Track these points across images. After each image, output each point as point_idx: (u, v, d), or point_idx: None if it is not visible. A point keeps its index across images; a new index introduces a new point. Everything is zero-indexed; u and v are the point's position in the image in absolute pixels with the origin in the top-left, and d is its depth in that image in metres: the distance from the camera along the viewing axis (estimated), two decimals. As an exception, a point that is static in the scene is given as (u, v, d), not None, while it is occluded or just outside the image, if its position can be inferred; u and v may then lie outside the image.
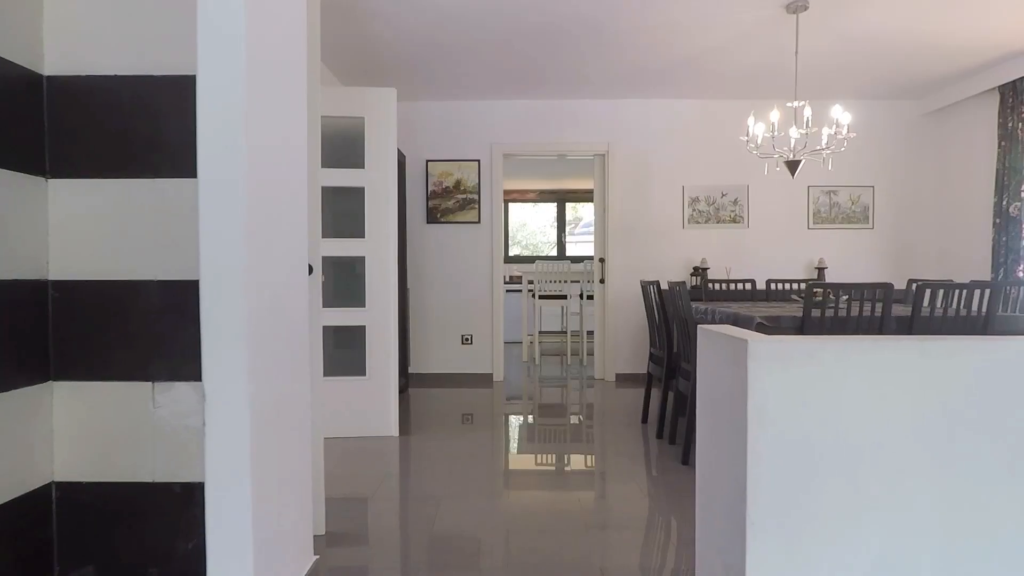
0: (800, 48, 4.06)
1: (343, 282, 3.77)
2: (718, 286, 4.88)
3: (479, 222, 5.69)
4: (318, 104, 2.30)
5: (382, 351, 3.75)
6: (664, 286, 3.88)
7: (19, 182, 1.75)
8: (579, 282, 6.82)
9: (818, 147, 3.77)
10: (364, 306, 3.73)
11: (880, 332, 2.84)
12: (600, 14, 3.72)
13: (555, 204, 9.72)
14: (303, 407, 1.96)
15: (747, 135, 3.82)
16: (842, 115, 3.56)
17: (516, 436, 4.03)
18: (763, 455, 1.50)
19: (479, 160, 5.66)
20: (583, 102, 5.59)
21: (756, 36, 4.07)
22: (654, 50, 4.35)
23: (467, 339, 5.75)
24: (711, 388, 1.77)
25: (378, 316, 3.75)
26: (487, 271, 5.73)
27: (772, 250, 5.64)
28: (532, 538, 2.43)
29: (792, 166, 3.69)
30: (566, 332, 7.05)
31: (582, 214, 9.71)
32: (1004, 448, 1.50)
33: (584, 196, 9.20)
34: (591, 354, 6.47)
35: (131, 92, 1.84)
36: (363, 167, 3.68)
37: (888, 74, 4.91)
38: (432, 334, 5.73)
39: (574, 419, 4.53)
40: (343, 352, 3.76)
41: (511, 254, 9.53)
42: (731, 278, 5.04)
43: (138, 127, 1.84)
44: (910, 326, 2.80)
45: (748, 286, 4.65)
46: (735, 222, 5.66)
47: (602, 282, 5.80)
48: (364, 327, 3.74)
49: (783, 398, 1.49)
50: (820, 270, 5.57)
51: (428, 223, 5.69)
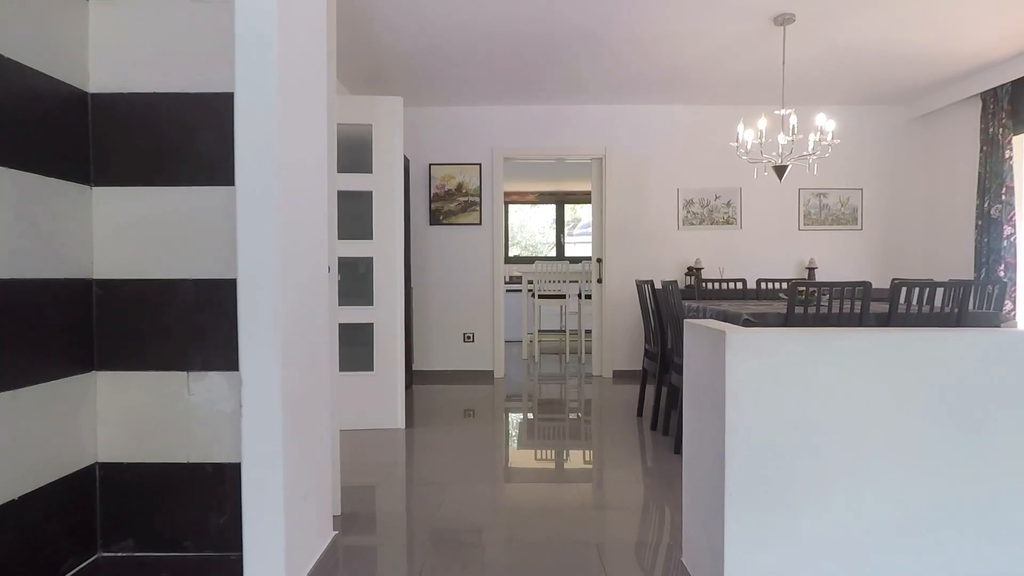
0: (789, 57, 4.25)
1: (351, 281, 3.95)
2: (711, 285, 5.06)
3: (480, 224, 5.87)
4: (334, 114, 2.48)
5: (389, 347, 3.94)
6: (658, 286, 4.06)
7: (66, 190, 1.93)
8: (577, 282, 7.01)
9: (805, 153, 3.95)
10: (372, 304, 3.91)
11: (859, 327, 3.01)
12: (596, 26, 3.90)
13: (554, 205, 9.90)
14: (324, 397, 2.14)
15: (737, 141, 4.01)
16: (826, 123, 3.74)
17: (516, 429, 4.21)
18: (739, 432, 1.69)
19: (480, 164, 5.84)
20: (580, 107, 5.78)
21: (746, 46, 4.25)
22: (648, 59, 4.53)
23: (469, 337, 5.94)
24: (695, 375, 1.96)
25: (385, 314, 3.93)
26: (488, 271, 5.91)
27: (764, 251, 5.82)
28: (532, 519, 2.61)
29: (780, 171, 3.87)
30: (565, 331, 7.23)
31: (581, 215, 9.89)
32: (948, 422, 1.69)
33: (583, 198, 9.38)
34: (589, 352, 6.65)
35: (167, 108, 2.02)
36: (371, 172, 3.87)
37: (874, 81, 5.10)
38: (435, 332, 5.91)
39: (572, 413, 4.72)
40: (352, 348, 3.93)
41: (511, 255, 9.71)
42: (724, 278, 5.23)
43: (174, 140, 2.03)
44: (887, 322, 2.98)
45: (739, 285, 4.83)
46: (728, 223, 5.84)
47: (600, 282, 5.99)
48: (372, 324, 3.92)
49: (756, 382, 1.68)
50: (810, 270, 5.75)
51: (431, 225, 5.87)
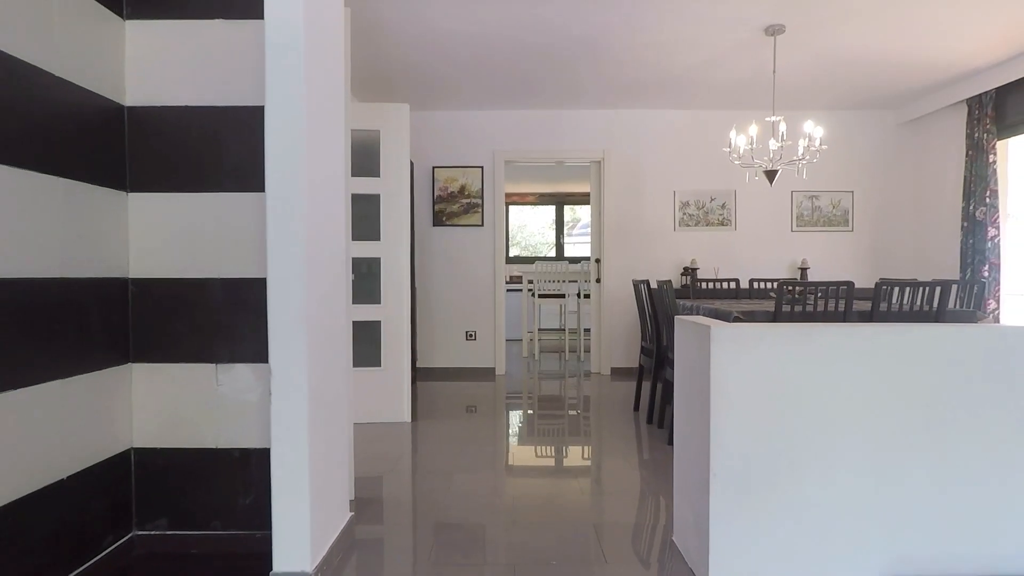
0: (781, 65, 4.42)
1: (360, 281, 4.11)
2: (706, 285, 5.24)
3: (482, 225, 6.04)
4: (348, 122, 2.65)
5: (396, 344, 4.10)
6: (654, 285, 4.23)
7: (104, 195, 2.09)
8: (576, 282, 7.18)
9: (795, 158, 4.12)
10: (380, 303, 4.08)
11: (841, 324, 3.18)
12: (594, 35, 4.07)
13: (554, 206, 10.07)
14: (343, 388, 2.31)
15: (730, 147, 4.17)
16: (814, 129, 3.91)
17: (517, 423, 4.38)
18: (722, 419, 1.86)
19: (482, 166, 6.01)
20: (580, 112, 5.95)
21: (738, 55, 4.42)
22: (644, 67, 4.70)
23: (471, 335, 6.10)
24: (685, 367, 2.13)
25: (392, 312, 4.10)
26: (489, 271, 6.08)
27: (758, 251, 5.99)
28: (533, 504, 2.78)
29: (770, 175, 4.04)
30: (564, 329, 7.40)
31: (580, 215, 10.05)
32: (914, 408, 1.86)
33: (582, 199, 9.54)
34: (588, 350, 6.81)
35: (198, 120, 2.19)
36: (379, 176, 4.03)
37: (864, 87, 5.27)
38: (438, 330, 6.08)
39: (571, 409, 4.89)
40: (361, 345, 4.10)
41: (512, 255, 9.88)
42: (718, 278, 5.40)
43: (204, 149, 2.20)
44: (869, 319, 3.15)
45: (733, 285, 5.00)
46: (723, 225, 6.01)
47: (598, 281, 6.16)
48: (379, 322, 4.09)
49: (738, 373, 1.85)
50: (803, 270, 5.92)
51: (434, 226, 6.04)
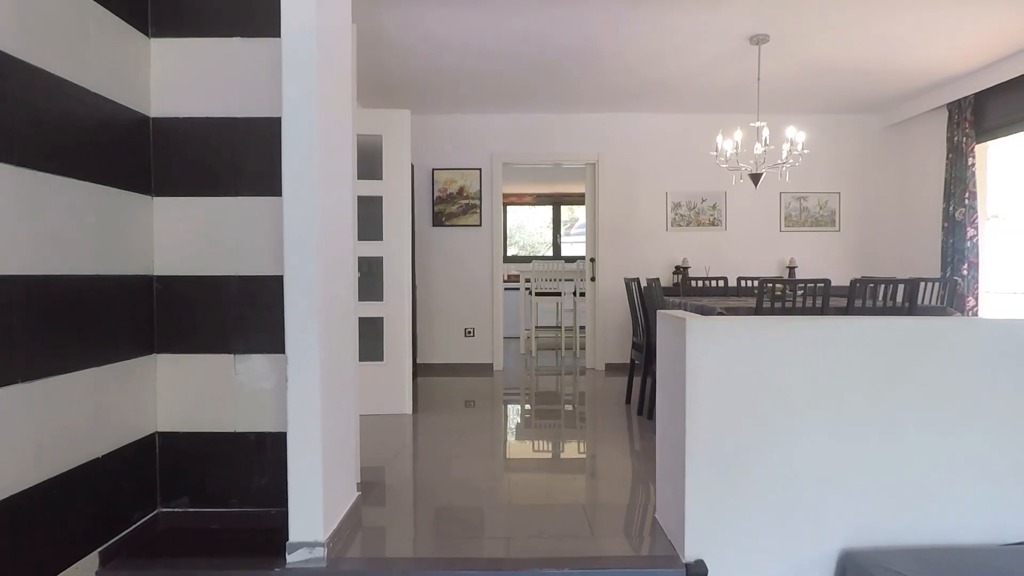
0: (768, 72, 4.61)
1: (364, 279, 4.29)
2: (697, 283, 5.43)
3: (480, 225, 6.23)
4: (355, 129, 2.83)
5: (398, 339, 4.29)
6: (644, 283, 4.42)
7: (131, 199, 2.28)
8: (573, 280, 7.37)
9: (779, 161, 4.31)
10: (382, 300, 4.26)
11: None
12: (587, 45, 4.26)
13: (551, 207, 10.26)
14: (350, 378, 2.49)
15: (717, 151, 4.36)
16: (796, 134, 4.10)
17: (515, 415, 4.57)
18: (697, 403, 2.05)
19: (480, 169, 6.20)
20: (575, 116, 6.14)
21: (725, 63, 4.61)
22: (636, 74, 4.89)
23: (470, 332, 6.29)
24: (665, 356, 2.32)
25: (394, 309, 4.29)
26: (488, 270, 6.27)
27: (748, 251, 6.19)
28: (527, 488, 2.97)
29: (755, 178, 4.23)
30: (560, 327, 7.59)
31: (578, 215, 10.24)
32: (869, 392, 2.05)
33: (579, 199, 9.73)
34: (584, 348, 7.00)
35: (218, 130, 2.38)
36: (381, 179, 4.22)
37: (848, 93, 5.46)
38: (437, 327, 6.27)
39: (565, 400, 5.07)
40: (364, 340, 4.27)
41: (509, 254, 10.06)
42: (709, 276, 5.59)
43: (223, 157, 2.38)
44: (845, 315, 3.34)
45: (722, 283, 5.19)
46: (714, 225, 6.20)
47: (593, 280, 6.35)
48: (382, 318, 4.28)
49: (711, 361, 2.04)
50: (791, 269, 6.12)
51: (434, 226, 6.23)
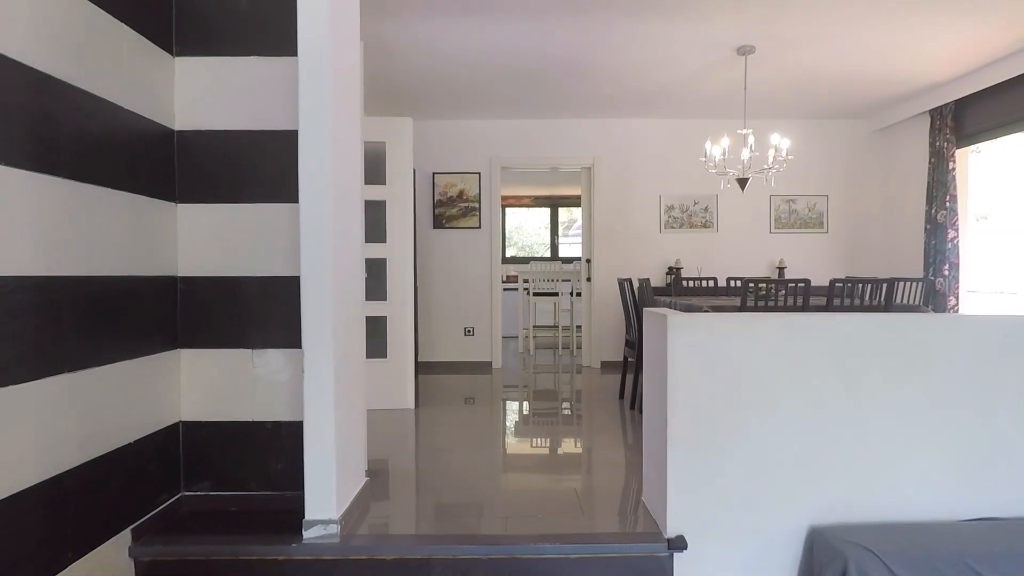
0: (757, 79, 4.81)
1: (368, 279, 4.47)
2: (689, 283, 5.63)
3: (480, 227, 6.43)
4: (362, 139, 3.02)
5: (401, 337, 4.48)
6: (637, 284, 4.61)
7: (157, 206, 2.47)
8: (570, 281, 7.57)
9: (765, 166, 4.51)
10: (386, 300, 4.46)
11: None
12: (582, 55, 4.46)
13: (549, 208, 10.46)
14: (359, 371, 2.69)
15: (705, 156, 4.56)
16: (781, 141, 4.30)
17: (512, 410, 4.76)
18: (678, 392, 2.24)
19: (480, 172, 6.40)
20: (571, 121, 6.34)
21: (714, 72, 4.81)
22: (629, 82, 5.09)
23: (469, 331, 6.49)
24: (650, 350, 2.51)
25: (397, 308, 4.48)
26: (487, 271, 6.46)
27: (738, 252, 6.38)
28: (524, 475, 3.16)
29: (742, 183, 4.43)
30: (558, 326, 7.78)
31: (576, 216, 10.43)
32: (835, 382, 2.25)
33: (576, 201, 9.91)
34: (580, 347, 7.19)
35: (237, 142, 2.57)
36: (384, 183, 4.42)
37: (835, 99, 5.66)
38: (438, 327, 6.46)
39: (561, 397, 5.27)
40: (368, 338, 4.45)
41: (508, 255, 10.26)
42: (700, 276, 5.79)
43: (242, 167, 2.58)
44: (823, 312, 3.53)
45: (712, 283, 5.39)
46: (706, 227, 6.40)
47: (589, 280, 6.54)
48: (385, 317, 4.47)
49: (690, 354, 2.24)
50: (781, 269, 6.32)
51: (435, 228, 6.42)
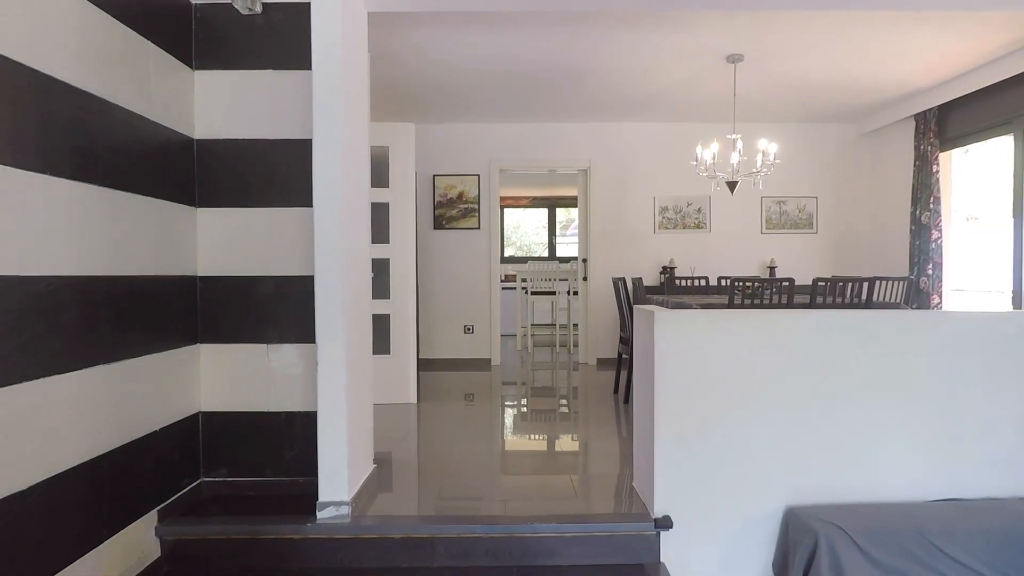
0: (744, 86, 4.99)
1: (372, 279, 4.66)
2: (682, 282, 5.82)
3: (479, 228, 6.60)
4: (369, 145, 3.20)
5: (403, 334, 4.66)
6: (630, 283, 4.79)
7: (179, 210, 2.65)
8: (567, 280, 7.74)
9: (753, 170, 4.69)
10: (389, 298, 4.63)
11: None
12: (578, 62, 4.63)
13: (546, 209, 10.64)
14: (367, 365, 2.86)
15: (696, 160, 4.74)
16: (768, 145, 4.48)
17: (511, 405, 4.94)
18: (664, 382, 2.42)
19: (479, 175, 6.57)
20: (567, 125, 6.51)
21: (705, 78, 4.98)
22: (623, 87, 5.26)
23: (469, 329, 6.66)
24: (639, 345, 2.69)
25: (400, 306, 4.66)
26: (486, 271, 6.64)
27: (731, 252, 6.57)
28: (522, 463, 3.34)
29: (731, 186, 4.61)
30: (555, 324, 7.96)
31: (574, 216, 10.61)
32: (809, 372, 2.43)
33: (573, 202, 10.09)
34: (577, 345, 7.37)
35: (253, 150, 2.75)
36: (388, 186, 4.59)
37: (823, 104, 5.85)
38: (438, 324, 6.64)
39: (558, 391, 5.45)
40: (373, 335, 4.64)
41: (506, 255, 10.44)
42: (693, 275, 5.97)
43: (257, 173, 2.75)
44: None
45: (704, 282, 5.57)
46: (699, 228, 6.59)
47: (585, 280, 6.72)
48: (389, 315, 4.64)
49: (675, 347, 2.42)
50: (771, 268, 6.50)
51: (435, 229, 6.60)
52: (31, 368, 1.79)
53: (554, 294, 7.95)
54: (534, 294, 7.98)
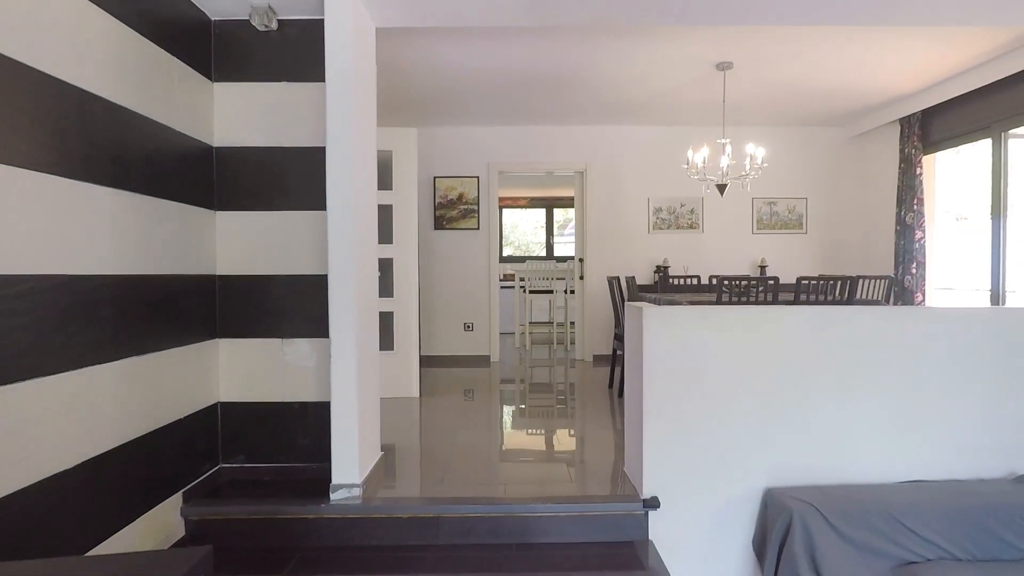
0: (734, 92, 5.18)
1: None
2: (676, 281, 6.01)
3: (478, 229, 6.79)
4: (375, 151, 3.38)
5: (406, 331, 4.85)
6: (624, 282, 4.99)
7: (199, 213, 2.83)
8: (564, 279, 7.94)
9: (743, 173, 4.88)
10: (392, 296, 4.82)
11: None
12: (576, 69, 4.82)
13: (544, 209, 10.82)
14: (375, 359, 3.05)
15: (688, 163, 4.93)
16: (756, 150, 4.67)
17: (510, 399, 5.13)
18: (652, 374, 2.61)
19: (478, 177, 6.76)
20: (565, 128, 6.70)
21: (696, 85, 5.18)
22: (619, 93, 5.46)
23: (468, 326, 6.85)
24: (630, 339, 2.88)
25: (403, 304, 4.84)
26: (485, 270, 6.83)
27: (723, 251, 6.76)
28: (520, 451, 3.53)
29: (721, 188, 4.80)
30: (552, 322, 8.15)
31: (571, 216, 10.80)
32: (785, 365, 2.62)
33: (571, 202, 10.28)
34: (574, 342, 7.57)
35: (269, 157, 2.93)
36: (391, 189, 4.78)
37: (812, 108, 6.04)
38: (439, 322, 6.83)
39: (555, 386, 5.64)
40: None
41: (505, 254, 10.63)
42: (686, 274, 6.17)
43: (273, 179, 2.94)
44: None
45: (696, 281, 5.77)
46: (692, 228, 6.78)
47: (581, 279, 6.92)
48: (392, 313, 4.83)
49: (663, 341, 2.60)
50: (762, 268, 6.70)
51: (436, 229, 6.78)
52: (77, 358, 1.98)
53: (552, 293, 8.14)
54: (532, 293, 8.17)
